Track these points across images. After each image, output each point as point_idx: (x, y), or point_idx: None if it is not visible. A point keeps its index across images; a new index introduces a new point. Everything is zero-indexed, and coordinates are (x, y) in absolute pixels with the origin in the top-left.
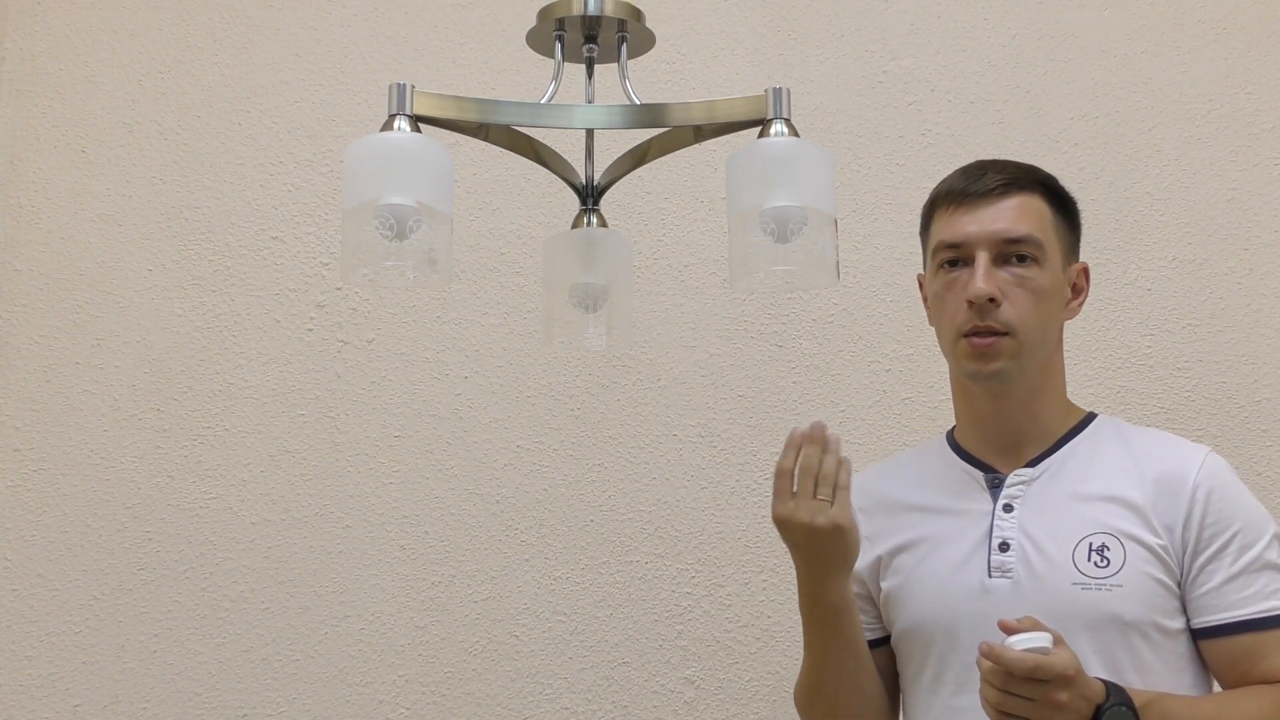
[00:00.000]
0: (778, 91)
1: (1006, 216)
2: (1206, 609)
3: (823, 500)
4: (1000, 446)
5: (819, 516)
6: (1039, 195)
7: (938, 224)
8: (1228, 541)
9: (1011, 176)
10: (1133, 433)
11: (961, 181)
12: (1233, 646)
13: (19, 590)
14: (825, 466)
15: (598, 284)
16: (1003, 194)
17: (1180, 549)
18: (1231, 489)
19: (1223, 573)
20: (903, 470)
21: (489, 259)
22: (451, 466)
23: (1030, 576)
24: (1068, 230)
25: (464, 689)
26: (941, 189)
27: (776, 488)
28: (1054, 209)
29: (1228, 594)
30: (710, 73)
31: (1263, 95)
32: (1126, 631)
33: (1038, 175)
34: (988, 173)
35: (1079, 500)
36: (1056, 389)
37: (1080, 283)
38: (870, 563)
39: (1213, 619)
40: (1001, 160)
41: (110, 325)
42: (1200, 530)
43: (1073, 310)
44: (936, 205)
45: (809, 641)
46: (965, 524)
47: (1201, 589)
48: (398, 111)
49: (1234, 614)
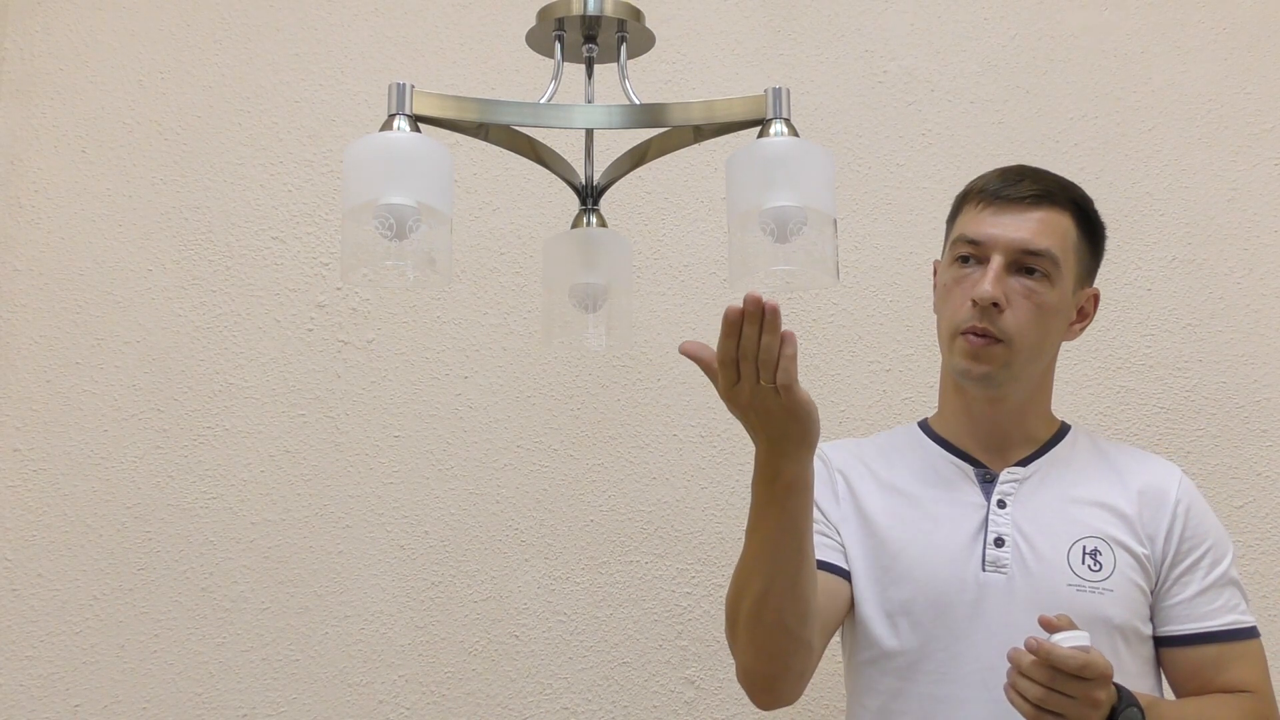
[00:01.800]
0: (777, 91)
1: (1030, 227)
2: (1176, 619)
3: (768, 386)
4: (986, 445)
5: (770, 401)
6: (1068, 213)
7: (964, 217)
8: (1201, 556)
9: (1045, 189)
10: (1106, 445)
11: (997, 182)
12: (1199, 656)
13: (19, 590)
14: (765, 347)
15: (598, 284)
16: (1033, 204)
17: (1159, 559)
18: (1204, 507)
19: (1195, 585)
20: (876, 449)
21: (489, 259)
22: (451, 466)
23: (1025, 574)
24: (1089, 254)
25: (464, 689)
26: (976, 184)
27: (722, 376)
28: (1080, 230)
29: (1198, 606)
30: (710, 73)
31: (1263, 95)
32: (1113, 635)
33: (1073, 194)
34: (1024, 179)
35: (1071, 504)
36: (1044, 401)
37: (1088, 308)
38: (850, 513)
39: (1183, 628)
40: (1042, 170)
41: (110, 325)
42: (1180, 543)
43: (1074, 333)
44: (967, 199)
45: (754, 526)
46: (956, 514)
47: (1174, 599)
48: (398, 111)
49: (1203, 625)
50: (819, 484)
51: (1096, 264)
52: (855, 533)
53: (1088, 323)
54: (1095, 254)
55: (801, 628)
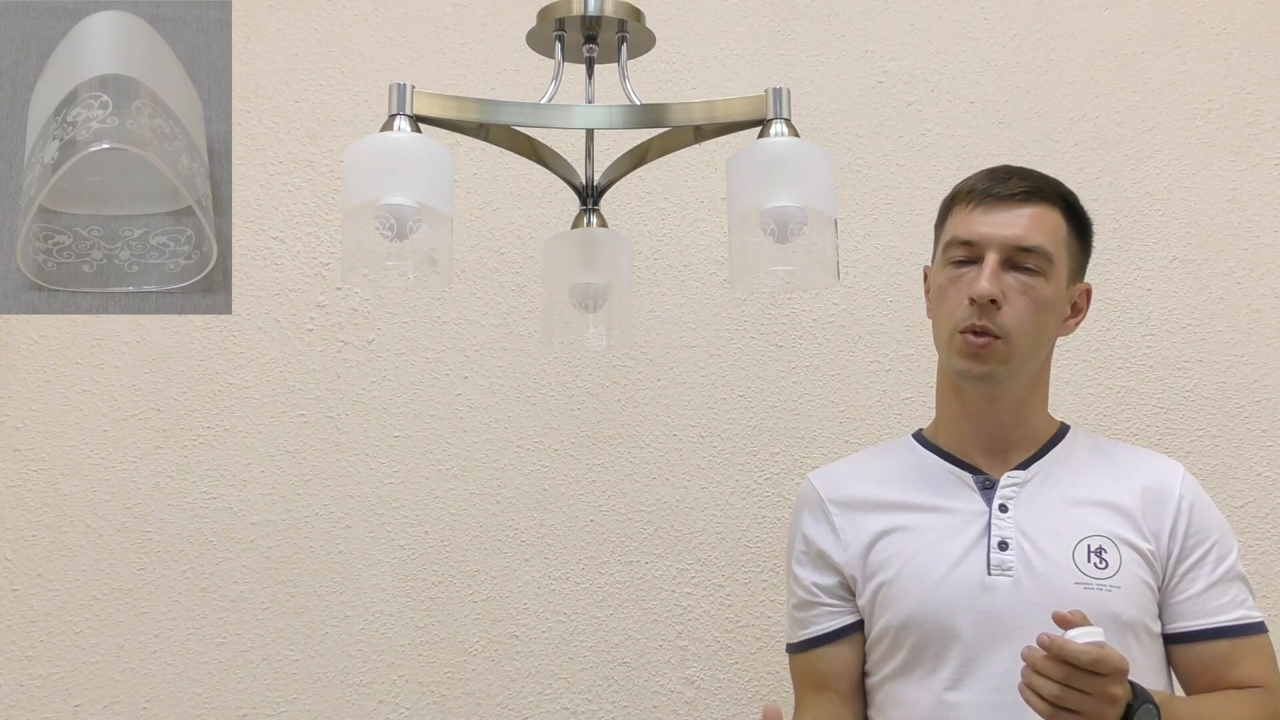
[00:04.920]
0: (778, 91)
1: (1022, 223)
2: (1185, 615)
3: None
4: (987, 449)
5: None
6: (1057, 209)
7: (954, 219)
8: (1206, 552)
9: (1034, 186)
10: (1107, 444)
11: (985, 182)
12: (1209, 652)
13: (19, 590)
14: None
15: (598, 284)
16: (1023, 201)
17: (1165, 556)
18: (1208, 503)
19: (1202, 581)
20: (865, 468)
21: (489, 259)
22: (451, 466)
23: (1031, 575)
24: (1079, 249)
25: (464, 689)
26: (963, 186)
27: None
28: (1070, 225)
29: (1206, 601)
30: (710, 73)
31: (1263, 95)
32: (1123, 632)
33: (1060, 190)
34: (1012, 178)
35: (1073, 504)
36: (1042, 399)
37: (1081, 303)
38: (856, 557)
39: (1192, 624)
40: (1027, 169)
41: (110, 325)
42: (1184, 539)
43: (1068, 328)
44: (956, 201)
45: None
46: (957, 522)
47: (1181, 595)
48: (398, 111)
49: (1212, 620)
50: (816, 525)
51: (1086, 259)
52: (858, 557)
53: (1081, 318)
54: (1085, 249)
55: None
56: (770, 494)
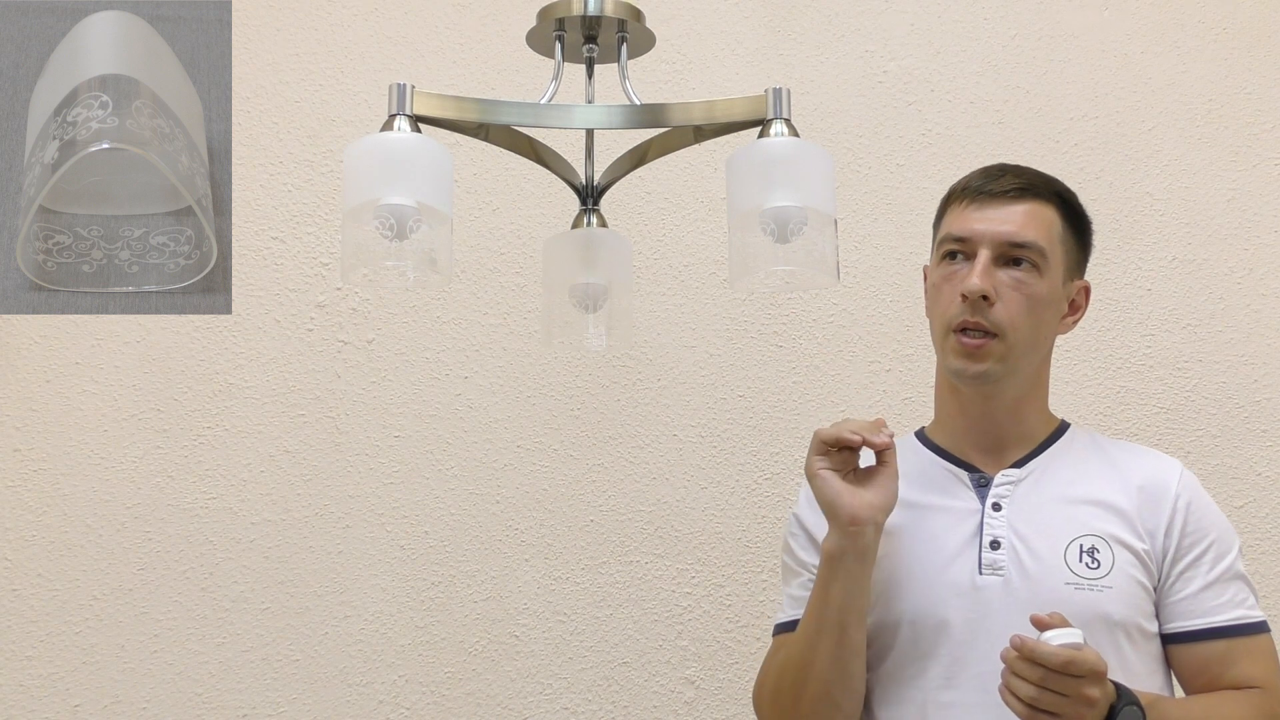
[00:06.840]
0: (778, 91)
1: (1015, 220)
2: (1182, 614)
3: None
4: (984, 447)
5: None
6: (1052, 206)
7: (949, 217)
8: (1204, 550)
9: (1028, 182)
10: (1106, 442)
11: (979, 180)
12: (1206, 652)
13: (19, 590)
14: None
15: (598, 284)
16: (1016, 198)
17: (1160, 555)
18: (1206, 501)
19: (1199, 580)
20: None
21: (489, 259)
22: (451, 466)
23: (1022, 575)
24: (1076, 246)
25: (464, 689)
26: (959, 185)
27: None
28: (1065, 222)
29: (1204, 600)
30: (710, 73)
31: (1263, 95)
32: (1114, 632)
33: (1055, 186)
34: (1006, 175)
35: (1066, 503)
36: (1041, 397)
37: (1079, 300)
38: None
39: (1189, 624)
40: (1023, 166)
41: (110, 325)
42: (1181, 538)
43: (1067, 326)
44: (951, 199)
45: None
46: (951, 520)
47: (1178, 595)
48: (398, 111)
49: (1210, 620)
50: (815, 515)
51: (1085, 256)
52: None
53: (1080, 315)
54: (1083, 246)
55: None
56: (770, 494)
